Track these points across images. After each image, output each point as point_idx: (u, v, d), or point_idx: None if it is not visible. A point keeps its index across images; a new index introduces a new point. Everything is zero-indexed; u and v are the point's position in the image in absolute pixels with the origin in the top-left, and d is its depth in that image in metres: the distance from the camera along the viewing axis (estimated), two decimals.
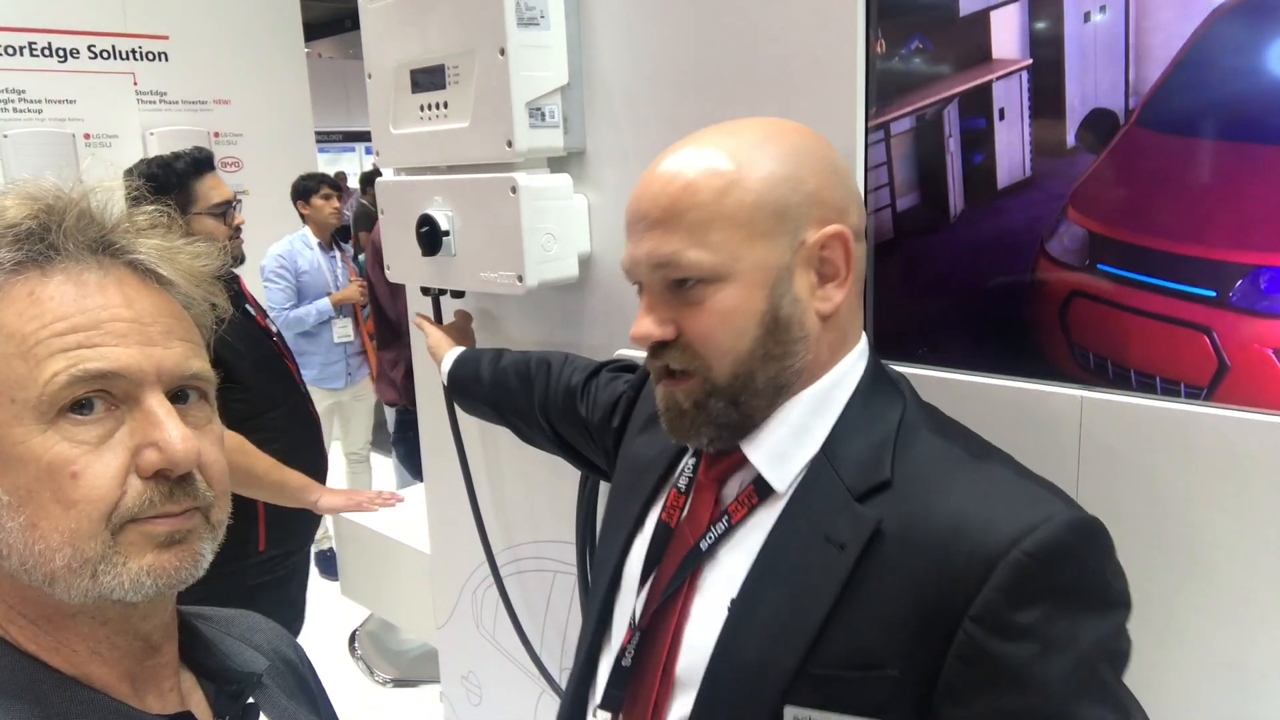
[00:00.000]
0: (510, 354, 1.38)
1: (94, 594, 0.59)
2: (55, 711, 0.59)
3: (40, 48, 3.98)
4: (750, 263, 0.79)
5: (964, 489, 0.76)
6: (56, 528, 0.58)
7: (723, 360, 0.80)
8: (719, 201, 0.79)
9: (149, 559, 0.60)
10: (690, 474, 0.92)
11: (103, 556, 0.58)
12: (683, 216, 0.79)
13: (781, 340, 0.80)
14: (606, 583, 0.96)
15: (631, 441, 1.05)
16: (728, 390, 0.81)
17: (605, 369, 1.24)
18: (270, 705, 0.75)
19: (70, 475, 0.57)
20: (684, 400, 0.83)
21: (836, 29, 1.07)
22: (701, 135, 0.84)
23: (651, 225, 0.81)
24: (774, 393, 0.82)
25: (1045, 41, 0.94)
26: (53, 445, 0.58)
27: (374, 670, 3.44)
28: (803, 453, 0.82)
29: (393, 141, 1.50)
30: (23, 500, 0.57)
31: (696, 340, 0.81)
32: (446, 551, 1.90)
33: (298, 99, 4.77)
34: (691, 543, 0.86)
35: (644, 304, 0.83)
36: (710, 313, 0.79)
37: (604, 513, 1.08)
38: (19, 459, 0.57)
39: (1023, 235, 0.98)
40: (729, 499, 0.87)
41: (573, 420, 1.23)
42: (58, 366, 0.57)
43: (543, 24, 1.31)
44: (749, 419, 0.83)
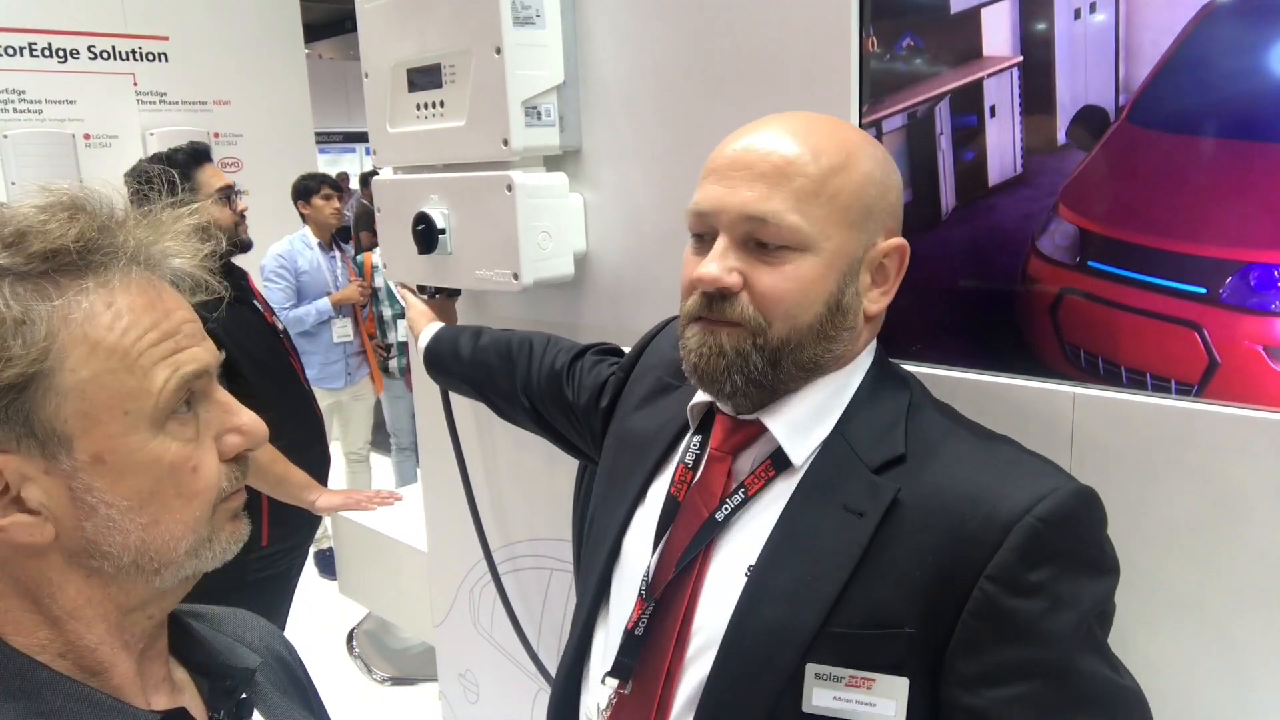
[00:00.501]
0: (490, 332, 1.39)
1: (192, 571, 0.66)
2: (49, 709, 0.60)
3: (40, 48, 3.99)
4: (836, 244, 0.82)
5: (975, 463, 0.82)
6: (180, 519, 0.63)
7: (783, 323, 0.82)
8: (830, 178, 0.81)
9: (228, 530, 0.68)
10: (697, 450, 0.93)
11: (209, 535, 0.65)
12: (792, 180, 0.80)
13: (837, 324, 0.84)
14: (605, 556, 0.97)
15: (626, 419, 1.06)
16: (774, 350, 0.83)
17: (590, 351, 1.25)
18: (263, 701, 0.77)
19: (191, 470, 0.63)
20: (727, 343, 0.83)
21: (831, 27, 1.08)
22: (807, 115, 0.86)
23: (756, 178, 0.81)
24: (810, 369, 0.85)
25: (1036, 39, 0.94)
26: (169, 446, 0.62)
27: (372, 668, 3.45)
28: (820, 429, 0.86)
29: (389, 140, 1.51)
30: (145, 501, 0.61)
31: (764, 297, 0.82)
32: (444, 550, 1.91)
33: (298, 100, 4.78)
34: (706, 515, 0.88)
35: (716, 249, 0.83)
36: (787, 277, 0.81)
37: (595, 489, 1.08)
38: (139, 465, 0.61)
39: (1014, 232, 0.99)
40: (743, 472, 0.89)
41: (557, 401, 1.24)
42: (165, 374, 0.62)
43: (538, 23, 1.32)
44: (779, 385, 0.85)
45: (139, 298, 0.62)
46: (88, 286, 0.60)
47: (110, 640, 0.64)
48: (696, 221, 0.86)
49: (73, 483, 0.59)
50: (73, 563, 0.61)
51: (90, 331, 0.59)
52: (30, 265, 0.58)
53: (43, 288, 0.58)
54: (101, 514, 0.60)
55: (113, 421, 0.59)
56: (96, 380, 0.59)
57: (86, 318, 0.59)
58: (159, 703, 0.67)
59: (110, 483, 0.60)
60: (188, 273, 0.66)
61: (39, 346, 0.57)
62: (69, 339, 0.58)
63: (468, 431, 1.70)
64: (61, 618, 0.62)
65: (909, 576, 0.78)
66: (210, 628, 0.78)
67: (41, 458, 0.58)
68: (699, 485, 0.91)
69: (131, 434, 0.60)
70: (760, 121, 0.86)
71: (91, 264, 0.60)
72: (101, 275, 0.60)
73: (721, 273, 0.82)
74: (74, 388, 0.58)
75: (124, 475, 0.60)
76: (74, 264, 0.60)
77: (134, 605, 0.65)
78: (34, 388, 0.57)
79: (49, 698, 0.61)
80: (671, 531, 0.91)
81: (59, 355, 0.58)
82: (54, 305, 0.58)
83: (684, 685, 0.86)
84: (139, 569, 0.62)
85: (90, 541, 0.61)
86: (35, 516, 0.59)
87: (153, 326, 0.61)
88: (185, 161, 2.33)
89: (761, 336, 0.82)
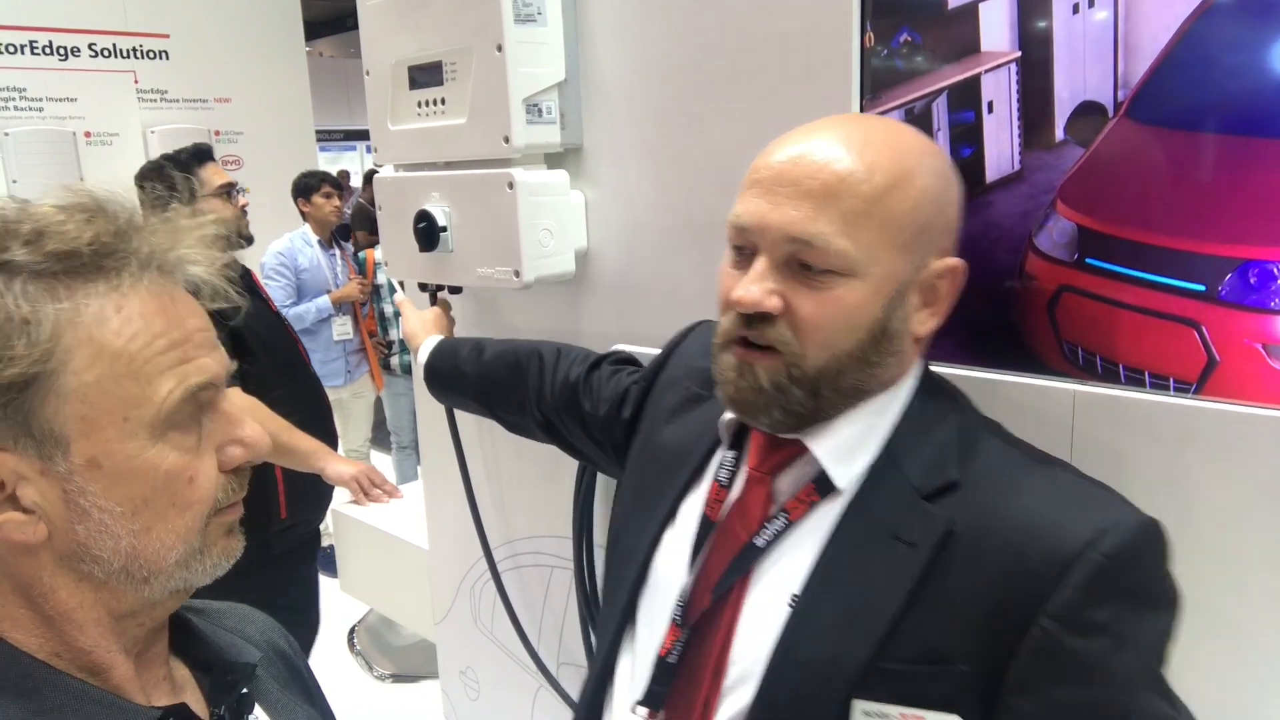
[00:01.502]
0: (493, 344, 1.35)
1: (181, 583, 0.64)
2: (49, 706, 0.61)
3: (41, 46, 3.99)
4: (884, 269, 0.77)
5: (1033, 491, 0.77)
6: (173, 529, 0.63)
7: (821, 352, 0.78)
8: (883, 198, 0.76)
9: (221, 544, 0.66)
10: (731, 467, 0.89)
11: (199, 548, 0.64)
12: (842, 200, 0.75)
13: (881, 350, 0.79)
14: (633, 578, 0.93)
15: (654, 431, 1.02)
16: (812, 381, 0.79)
17: (605, 362, 1.22)
18: (264, 696, 0.77)
19: (188, 480, 0.62)
20: (763, 376, 0.79)
21: (831, 24, 1.08)
22: (865, 120, 0.81)
23: (803, 195, 0.76)
24: (854, 394, 0.81)
25: (1034, 34, 0.95)
26: (167, 455, 0.61)
27: (373, 666, 3.45)
28: (866, 452, 0.82)
29: (391, 138, 1.51)
30: (138, 509, 0.61)
31: (804, 324, 0.77)
32: (444, 547, 1.91)
33: (298, 97, 4.78)
34: (744, 539, 0.84)
35: (756, 269, 0.78)
36: (829, 303, 0.77)
37: (619, 504, 1.04)
38: (135, 471, 0.60)
39: (1011, 229, 0.99)
40: (784, 495, 0.85)
41: (573, 414, 1.20)
42: (170, 384, 0.61)
43: (540, 20, 1.32)
44: (821, 413, 0.81)
45: (150, 304, 0.61)
46: (98, 289, 0.59)
47: (105, 643, 0.64)
48: (736, 235, 0.81)
49: (67, 485, 0.59)
50: (63, 565, 0.61)
51: (97, 335, 0.59)
52: (45, 264, 0.58)
53: (54, 288, 0.58)
54: (94, 518, 0.60)
55: (111, 427, 0.59)
56: (99, 385, 0.58)
57: (94, 321, 0.59)
58: (160, 702, 0.67)
59: (104, 487, 0.60)
60: (205, 280, 0.65)
61: (43, 347, 0.57)
62: (75, 341, 0.58)
63: (468, 429, 1.70)
64: (55, 619, 0.62)
65: (963, 611, 0.75)
66: (210, 623, 0.78)
67: (38, 458, 0.58)
68: (737, 507, 0.86)
69: (130, 440, 0.60)
70: (813, 127, 0.80)
71: (104, 268, 0.60)
72: (113, 279, 0.60)
73: (761, 296, 0.77)
74: (76, 390, 0.58)
75: (119, 481, 0.60)
76: (87, 266, 0.59)
77: (125, 612, 0.64)
78: (35, 388, 0.57)
79: (50, 695, 0.61)
80: (707, 554, 0.86)
81: (63, 357, 0.58)
82: (61, 306, 0.58)
83: (720, 717, 0.82)
84: (129, 576, 0.62)
85: (82, 545, 0.60)
86: (29, 516, 0.59)
87: (162, 334, 0.61)
88: (188, 161, 2.45)
89: (798, 366, 0.78)
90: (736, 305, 0.79)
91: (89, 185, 0.63)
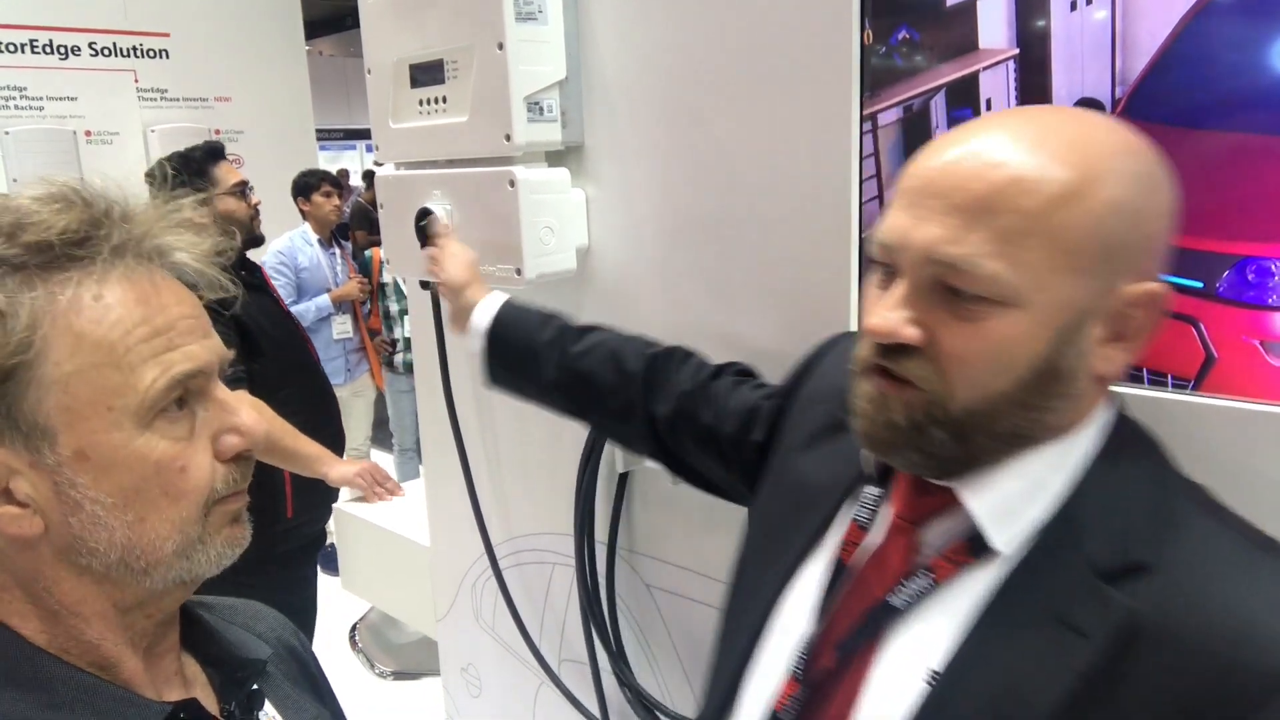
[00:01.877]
0: (576, 330, 1.16)
1: (184, 574, 0.64)
2: (62, 700, 0.61)
3: (41, 45, 3.99)
4: (1052, 296, 0.64)
5: (1248, 588, 0.63)
6: (166, 519, 0.62)
7: (969, 391, 0.66)
8: (1050, 214, 0.63)
9: (225, 534, 0.66)
10: (873, 505, 0.78)
11: (199, 538, 0.63)
12: (997, 216, 0.63)
13: (1046, 393, 0.66)
14: (755, 622, 0.83)
15: (790, 458, 0.90)
16: (957, 424, 0.67)
17: (726, 373, 1.09)
18: (274, 692, 0.77)
19: (179, 469, 0.62)
20: (899, 414, 0.69)
21: (831, 21, 1.09)
22: (1047, 114, 0.68)
23: (950, 210, 0.64)
24: (1013, 441, 0.68)
25: (1032, 31, 0.95)
26: (156, 444, 0.61)
27: (374, 663, 3.46)
28: (1034, 512, 0.69)
29: (392, 136, 1.51)
30: (129, 499, 0.60)
31: (948, 359, 0.66)
32: (446, 544, 1.92)
33: (298, 96, 4.78)
34: (880, 595, 0.73)
35: (895, 293, 0.68)
36: (981, 337, 0.65)
37: (749, 535, 0.94)
38: (123, 462, 0.60)
39: None
40: (930, 549, 0.73)
41: (691, 428, 1.06)
42: (154, 373, 0.60)
43: (540, 19, 1.32)
44: (971, 459, 0.69)
45: (130, 291, 0.60)
46: (72, 278, 0.59)
47: (112, 637, 0.64)
48: (879, 251, 0.70)
49: (57, 477, 0.59)
50: (62, 558, 0.61)
51: (76, 324, 0.58)
52: (23, 257, 0.58)
53: (30, 280, 0.58)
54: (87, 510, 0.59)
55: (96, 417, 0.58)
56: (80, 374, 0.58)
57: (72, 310, 0.58)
58: (171, 697, 0.67)
59: (94, 479, 0.59)
60: (191, 266, 0.65)
61: (19, 337, 0.56)
62: (53, 331, 0.57)
63: (470, 426, 1.71)
64: (60, 612, 0.62)
65: None
66: (221, 619, 0.78)
67: (26, 450, 0.58)
68: (875, 556, 0.76)
69: (115, 430, 0.59)
70: (981, 122, 0.68)
71: (76, 257, 0.59)
72: (87, 266, 0.59)
73: (897, 325, 0.67)
74: (57, 381, 0.57)
75: (108, 472, 0.59)
76: (63, 256, 0.59)
77: (130, 604, 0.64)
78: (16, 380, 0.57)
79: (60, 689, 0.61)
80: (837, 604, 0.76)
81: (42, 347, 0.57)
82: (35, 295, 0.57)
83: None
84: (127, 568, 0.61)
85: (76, 537, 0.60)
86: (23, 509, 0.59)
87: (143, 321, 0.60)
88: (202, 158, 2.47)
89: (941, 406, 0.67)
90: (870, 333, 0.69)
91: (67, 177, 0.62)
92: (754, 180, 1.21)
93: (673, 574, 1.46)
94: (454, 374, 1.63)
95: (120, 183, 0.64)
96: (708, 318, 1.30)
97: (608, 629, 1.51)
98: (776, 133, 1.17)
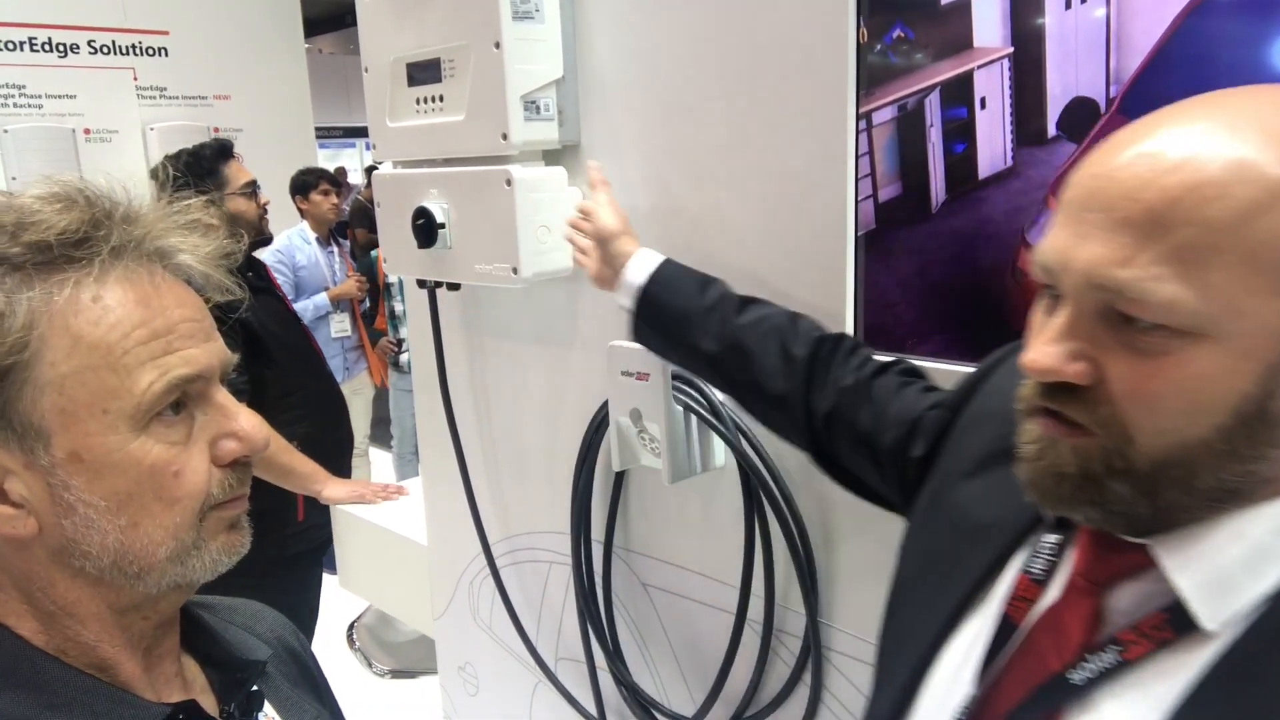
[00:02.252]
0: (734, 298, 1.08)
1: (179, 579, 0.63)
2: (60, 701, 0.60)
3: (40, 43, 3.99)
4: (1254, 324, 0.52)
5: None
6: (160, 524, 0.61)
7: (1155, 440, 0.56)
8: (1244, 223, 0.51)
9: (221, 540, 0.65)
10: (1049, 556, 0.67)
11: (194, 544, 0.63)
12: (1174, 229, 0.52)
13: (1258, 440, 0.55)
14: (911, 666, 0.74)
15: (954, 484, 0.80)
16: (1143, 477, 0.57)
17: (892, 370, 0.99)
18: (274, 693, 0.76)
19: (173, 474, 0.61)
20: (1069, 460, 0.59)
21: (827, 19, 1.09)
22: (1231, 100, 0.55)
23: (1118, 225, 0.54)
24: (1218, 497, 0.57)
25: (1027, 30, 0.95)
26: (150, 449, 0.60)
27: (372, 661, 3.46)
28: (1256, 586, 0.56)
29: (389, 134, 1.52)
30: (123, 503, 0.60)
31: (1122, 400, 0.56)
32: (443, 543, 1.92)
33: (298, 94, 4.78)
34: (1056, 668, 0.62)
35: (1056, 323, 0.58)
36: (1163, 376, 0.54)
37: (904, 561, 0.84)
38: (117, 465, 0.59)
39: (1005, 225, 0.99)
40: (1119, 618, 0.61)
41: (847, 425, 0.97)
42: (151, 376, 0.59)
43: (537, 17, 1.32)
44: (1167, 518, 0.58)
45: (130, 293, 0.60)
46: (70, 279, 0.58)
47: (109, 638, 0.64)
48: (1040, 274, 0.60)
49: (51, 479, 0.58)
50: (56, 560, 0.61)
51: (73, 325, 0.57)
52: (25, 256, 0.57)
53: (29, 279, 0.57)
54: (80, 513, 0.59)
55: (91, 419, 0.58)
56: (76, 376, 0.57)
57: (69, 310, 0.58)
58: (170, 698, 0.67)
59: (87, 481, 0.59)
60: (198, 269, 0.64)
61: (15, 336, 0.56)
62: (50, 331, 0.57)
63: (467, 425, 1.71)
64: (57, 613, 0.62)
65: None
66: (221, 620, 0.77)
67: (20, 451, 0.58)
68: (1050, 619, 0.64)
69: (110, 434, 0.58)
70: (1157, 116, 0.57)
71: (75, 257, 0.59)
72: (85, 267, 0.59)
73: (1057, 361, 0.57)
74: (52, 382, 0.57)
75: (101, 475, 0.59)
76: (63, 256, 0.58)
77: (126, 607, 0.64)
78: (11, 379, 0.56)
79: (60, 690, 0.61)
80: (1003, 669, 0.66)
81: (38, 347, 0.57)
82: (32, 294, 0.57)
83: None
84: (120, 572, 0.61)
85: (70, 540, 0.60)
86: (18, 510, 0.58)
87: (142, 324, 0.59)
88: (212, 157, 2.45)
89: (1120, 456, 0.57)
90: (1028, 370, 0.59)
91: (70, 176, 0.62)
92: (750, 179, 1.21)
93: (669, 573, 1.46)
94: (451, 373, 1.64)
95: (125, 183, 0.63)
96: None
97: (604, 627, 1.52)
98: (772, 131, 1.17)
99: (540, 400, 1.59)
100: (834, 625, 1.24)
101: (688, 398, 1.30)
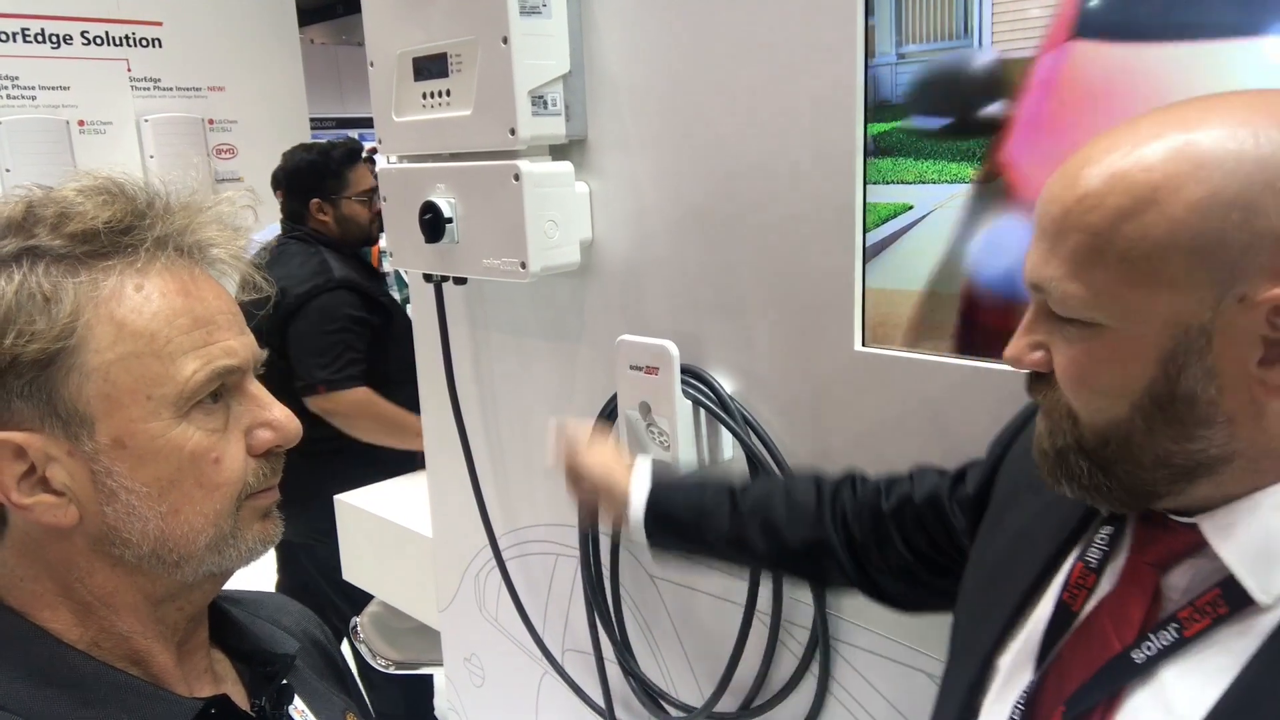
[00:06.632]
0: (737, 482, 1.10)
1: (215, 568, 0.64)
2: (94, 697, 0.61)
3: (33, 34, 3.96)
4: (1141, 316, 0.59)
5: None
6: (200, 511, 0.63)
7: (1093, 418, 0.64)
8: (1114, 229, 0.58)
9: (256, 528, 0.66)
10: (1105, 546, 0.71)
11: (231, 532, 0.64)
12: (1067, 236, 0.61)
13: (1178, 420, 0.60)
14: (972, 674, 0.77)
15: (1014, 495, 0.84)
16: (1093, 453, 0.65)
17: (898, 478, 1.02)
18: (303, 686, 0.77)
19: (214, 461, 0.62)
20: (1045, 438, 0.68)
21: (836, 15, 1.09)
22: (1162, 115, 0.61)
23: (1042, 234, 0.64)
24: (1177, 471, 0.62)
25: None
26: (191, 435, 0.62)
27: (376, 654, 3.46)
28: None
29: (395, 129, 1.51)
30: (164, 490, 0.61)
31: (1063, 384, 0.65)
32: (448, 535, 1.93)
33: (292, 85, 4.76)
34: (1118, 648, 0.65)
35: (1025, 319, 0.68)
36: (1079, 362, 0.63)
37: (967, 580, 0.87)
38: (159, 451, 0.61)
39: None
40: (1176, 598, 0.64)
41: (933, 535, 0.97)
42: (195, 364, 0.61)
43: (545, 12, 1.32)
44: (1144, 491, 0.64)
45: (171, 283, 0.61)
46: (115, 267, 0.60)
47: (144, 630, 0.64)
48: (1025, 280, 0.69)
49: (94, 465, 0.59)
50: (96, 549, 0.62)
51: (118, 312, 0.59)
52: (68, 247, 0.58)
53: (74, 267, 0.59)
54: (122, 499, 0.60)
55: (135, 405, 0.59)
56: (121, 363, 0.59)
57: (114, 298, 0.59)
58: (202, 692, 0.68)
59: (130, 468, 0.60)
60: (235, 266, 0.66)
61: (62, 324, 0.57)
62: (95, 318, 0.58)
63: (472, 417, 1.71)
64: (93, 604, 0.63)
65: None
66: (247, 613, 0.78)
67: (64, 438, 0.59)
68: (1110, 603, 0.68)
69: (153, 420, 0.60)
70: (1094, 140, 0.63)
71: (121, 245, 0.60)
72: (130, 256, 0.60)
73: (1018, 350, 0.67)
74: (98, 368, 0.58)
75: (144, 461, 0.60)
76: (106, 247, 0.60)
77: (162, 596, 0.65)
78: (58, 365, 0.57)
79: (94, 686, 0.61)
80: (1062, 654, 0.69)
81: (84, 334, 0.58)
82: (79, 281, 0.58)
83: None
84: (159, 560, 0.62)
85: (111, 528, 0.61)
86: (60, 498, 0.59)
87: (184, 312, 0.61)
88: (340, 159, 2.45)
89: (1074, 434, 0.65)
90: (1004, 360, 0.70)
91: (109, 170, 0.63)
92: (758, 173, 1.21)
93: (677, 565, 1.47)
94: (456, 365, 1.64)
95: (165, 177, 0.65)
96: (711, 311, 1.31)
97: (612, 619, 1.53)
98: (780, 125, 1.17)
99: (548, 394, 1.60)
100: (842, 616, 1.26)
101: (696, 391, 1.31)
